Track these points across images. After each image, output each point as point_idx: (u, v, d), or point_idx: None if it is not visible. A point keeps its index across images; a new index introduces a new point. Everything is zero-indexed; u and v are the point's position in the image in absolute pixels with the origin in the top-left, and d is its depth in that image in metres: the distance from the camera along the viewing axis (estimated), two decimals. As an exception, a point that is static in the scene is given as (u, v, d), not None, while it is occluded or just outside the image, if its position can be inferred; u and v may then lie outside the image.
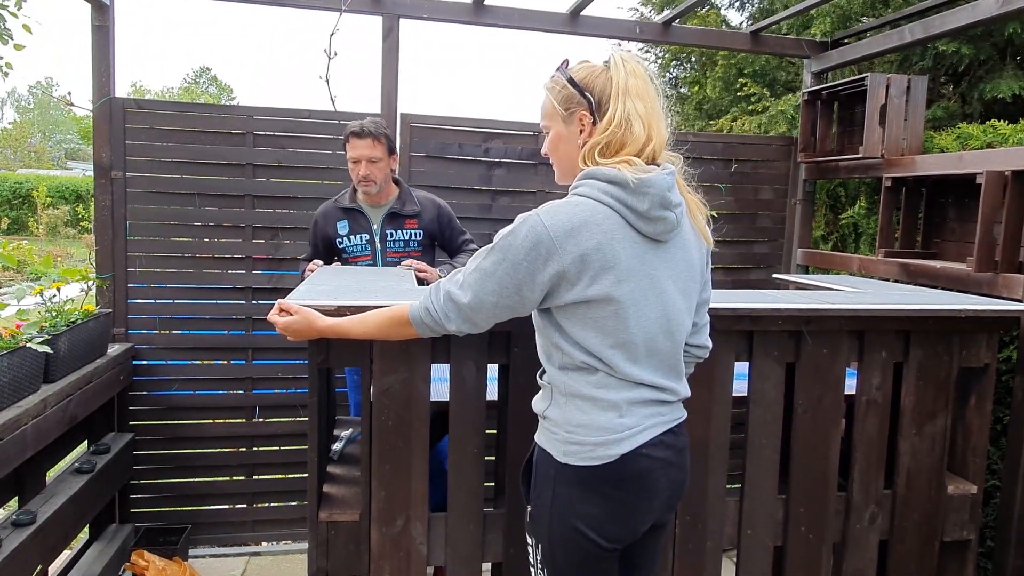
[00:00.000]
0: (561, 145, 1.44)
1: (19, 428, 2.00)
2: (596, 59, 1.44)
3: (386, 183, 2.63)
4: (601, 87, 1.38)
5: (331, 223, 2.67)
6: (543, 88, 1.46)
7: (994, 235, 2.48)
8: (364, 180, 2.56)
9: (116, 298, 2.98)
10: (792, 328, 1.96)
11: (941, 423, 2.10)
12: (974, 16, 2.73)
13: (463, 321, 1.41)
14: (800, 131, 3.52)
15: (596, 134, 1.37)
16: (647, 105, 1.36)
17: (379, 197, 2.64)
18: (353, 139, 2.54)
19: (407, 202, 2.67)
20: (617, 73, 1.36)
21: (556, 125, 1.43)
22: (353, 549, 1.79)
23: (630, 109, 1.34)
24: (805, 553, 2.05)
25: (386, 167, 2.60)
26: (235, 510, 3.22)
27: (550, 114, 1.44)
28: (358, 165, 2.55)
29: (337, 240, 2.66)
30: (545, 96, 1.45)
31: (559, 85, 1.41)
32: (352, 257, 2.67)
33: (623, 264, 1.31)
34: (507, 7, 3.16)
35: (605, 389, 1.35)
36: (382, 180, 2.60)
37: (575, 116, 1.40)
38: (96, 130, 2.92)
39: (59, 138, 43.41)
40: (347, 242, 2.65)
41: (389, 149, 2.60)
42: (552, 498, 1.38)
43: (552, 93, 1.42)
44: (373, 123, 2.56)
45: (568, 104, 1.40)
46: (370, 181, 2.56)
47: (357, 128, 2.54)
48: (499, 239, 1.35)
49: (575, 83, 1.39)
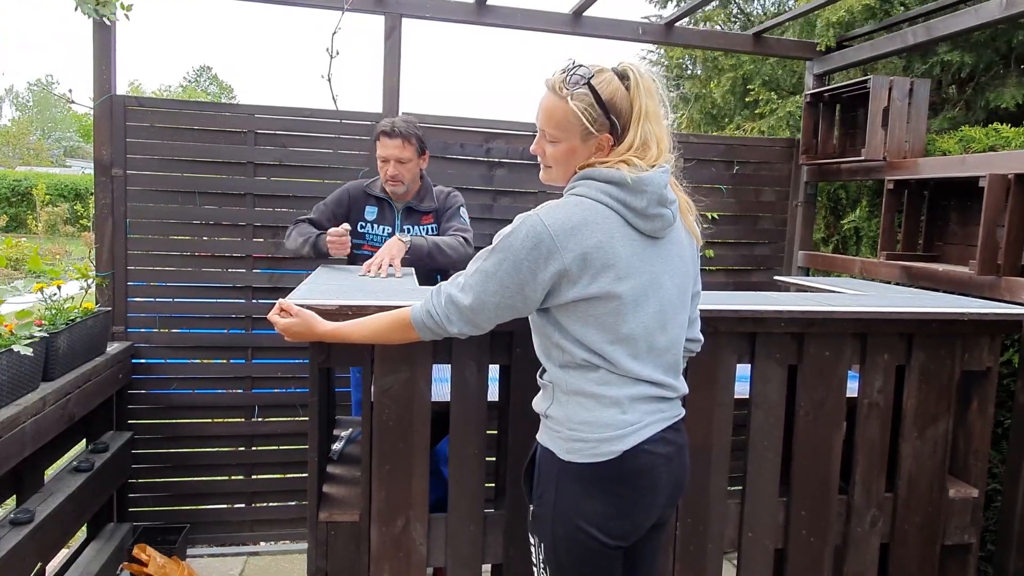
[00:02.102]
0: (572, 160, 1.40)
1: (18, 426, 1.99)
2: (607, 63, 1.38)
3: (414, 183, 2.60)
4: (626, 111, 1.35)
5: (360, 205, 2.64)
6: (555, 93, 1.37)
7: (997, 238, 2.47)
8: (392, 179, 2.53)
9: (116, 296, 2.97)
10: (794, 330, 1.95)
11: (943, 426, 2.09)
12: (978, 19, 2.73)
13: (465, 323, 1.41)
14: (802, 133, 3.51)
15: (613, 155, 1.36)
16: (661, 125, 1.37)
17: (405, 195, 2.62)
18: (383, 138, 2.50)
19: (425, 198, 2.64)
20: (638, 95, 1.34)
21: (572, 140, 1.37)
22: (353, 549, 1.78)
23: (646, 132, 1.35)
24: (806, 556, 2.04)
25: (415, 167, 2.56)
26: (234, 509, 3.21)
27: (566, 128, 1.37)
28: (387, 164, 2.52)
29: (360, 224, 2.63)
30: (558, 104, 1.36)
31: (585, 102, 1.33)
32: (369, 245, 2.62)
33: (623, 261, 1.33)
34: (509, 7, 3.15)
35: (607, 386, 1.35)
36: (410, 180, 2.56)
37: (595, 138, 1.36)
38: (97, 128, 2.91)
39: (58, 136, 43.39)
40: (370, 229, 2.63)
41: (419, 149, 2.55)
42: (555, 496, 1.38)
43: (575, 109, 1.34)
44: (405, 122, 2.51)
45: (592, 124, 1.34)
46: (398, 181, 2.53)
47: (388, 127, 2.49)
48: (499, 240, 1.35)
49: (603, 103, 1.33)
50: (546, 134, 1.41)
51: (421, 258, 2.39)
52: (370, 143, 3.10)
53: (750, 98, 5.01)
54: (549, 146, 1.41)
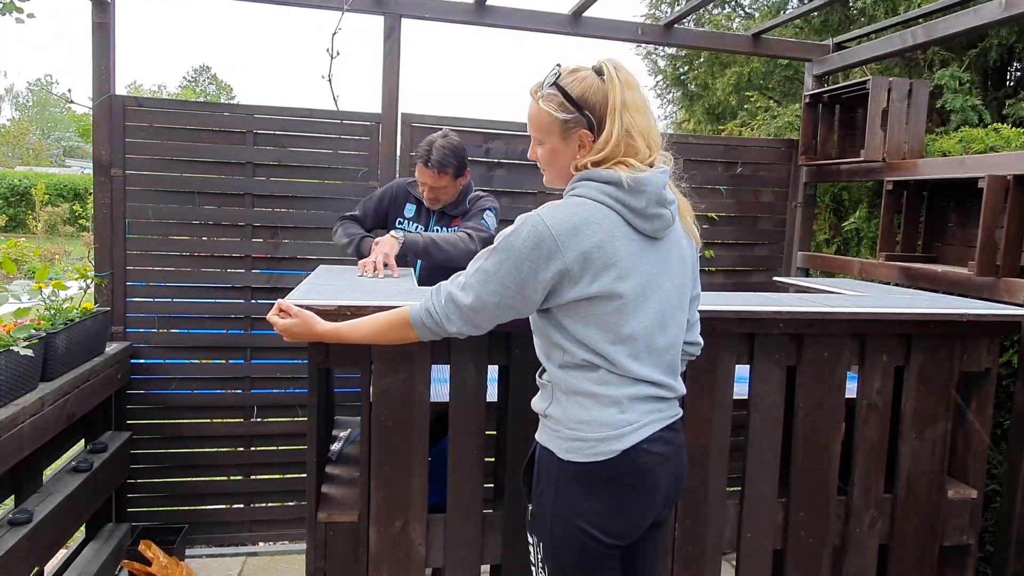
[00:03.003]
0: (558, 160, 1.43)
1: (16, 426, 1.99)
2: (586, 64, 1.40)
3: (454, 198, 2.60)
4: (600, 103, 1.37)
5: (401, 201, 2.65)
6: (533, 98, 1.42)
7: (996, 239, 2.47)
8: (429, 200, 2.56)
9: (115, 296, 2.97)
10: (793, 331, 1.95)
11: (942, 427, 2.09)
12: (978, 20, 2.73)
13: (464, 323, 1.41)
14: (801, 134, 3.51)
15: (594, 151, 1.37)
16: (646, 118, 1.38)
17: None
18: (419, 165, 2.49)
19: (459, 203, 2.62)
20: (613, 87, 1.36)
21: (552, 141, 1.41)
22: (351, 550, 1.78)
23: (629, 124, 1.35)
24: (805, 557, 2.04)
25: (452, 189, 2.55)
26: (232, 510, 3.20)
27: (544, 129, 1.41)
28: (423, 187, 2.53)
29: (398, 221, 2.65)
30: (537, 108, 1.41)
31: (555, 102, 1.38)
32: None
33: (624, 261, 1.34)
34: (509, 7, 3.15)
35: (606, 386, 1.36)
36: (447, 200, 2.57)
37: (574, 134, 1.39)
38: (96, 128, 2.91)
39: (57, 135, 43.35)
40: (407, 226, 2.64)
41: (455, 174, 2.51)
42: (555, 496, 1.38)
43: (548, 108, 1.39)
44: (442, 149, 2.45)
45: (565, 123, 1.38)
46: (435, 200, 2.56)
47: (424, 156, 2.46)
48: (500, 240, 1.36)
49: (572, 100, 1.37)
50: (534, 138, 1.46)
51: (418, 253, 2.40)
52: (369, 143, 3.11)
53: (750, 105, 5.02)
54: (539, 149, 1.46)
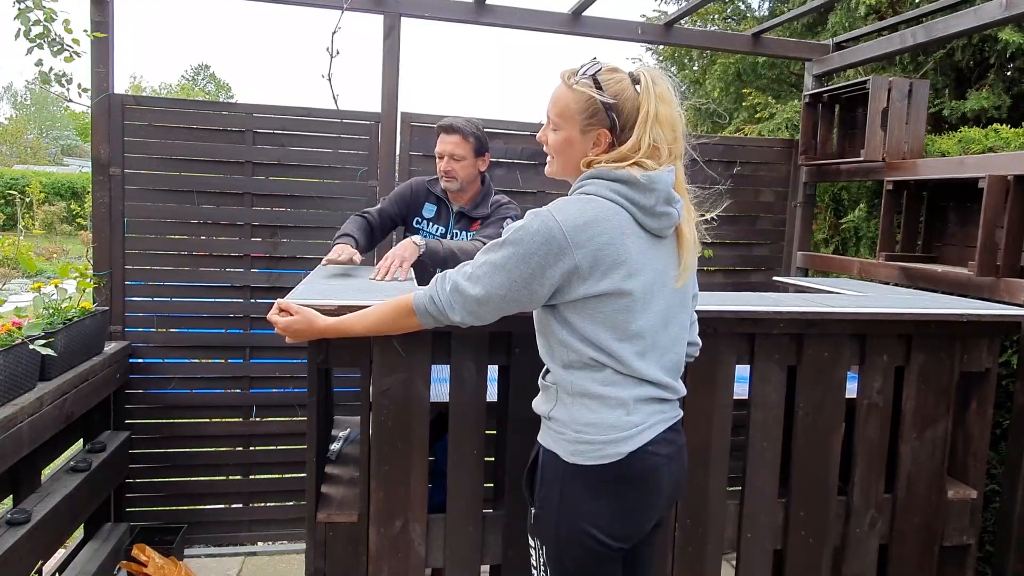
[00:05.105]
0: (570, 149, 1.42)
1: (15, 426, 1.99)
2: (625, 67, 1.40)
3: (470, 184, 2.56)
4: (629, 111, 1.36)
5: (420, 200, 2.63)
6: (564, 82, 1.40)
7: (996, 239, 2.47)
8: (446, 175, 2.51)
9: (113, 296, 2.96)
10: (793, 331, 1.95)
11: (942, 427, 2.09)
12: (978, 20, 2.73)
13: (467, 313, 1.41)
14: (801, 133, 3.51)
15: (612, 153, 1.37)
16: (675, 130, 1.38)
17: (462, 197, 2.58)
18: (441, 134, 2.50)
19: (480, 205, 2.59)
20: (647, 99, 1.35)
21: (570, 130, 1.40)
22: (351, 550, 1.78)
23: (656, 137, 1.35)
24: (805, 557, 2.04)
25: (471, 166, 2.52)
26: (231, 510, 3.20)
27: (567, 116, 1.40)
28: (441, 160, 2.50)
29: (416, 220, 2.62)
30: (565, 92, 1.40)
31: (585, 96, 1.37)
32: None
33: (633, 259, 1.34)
34: (509, 6, 3.15)
35: (612, 386, 1.36)
36: (464, 179, 2.52)
37: (594, 131, 1.38)
38: (94, 127, 2.90)
39: (55, 134, 43.27)
40: (426, 227, 2.62)
41: (476, 150, 2.51)
42: (560, 499, 1.38)
43: (576, 99, 1.38)
44: (466, 121, 2.51)
45: (591, 117, 1.37)
46: (451, 177, 2.50)
47: (447, 123, 2.49)
48: (509, 233, 1.36)
49: (605, 99, 1.36)
50: (551, 121, 1.44)
51: (436, 263, 2.33)
52: (368, 142, 3.11)
53: (747, 103, 5.01)
54: (551, 134, 1.44)
